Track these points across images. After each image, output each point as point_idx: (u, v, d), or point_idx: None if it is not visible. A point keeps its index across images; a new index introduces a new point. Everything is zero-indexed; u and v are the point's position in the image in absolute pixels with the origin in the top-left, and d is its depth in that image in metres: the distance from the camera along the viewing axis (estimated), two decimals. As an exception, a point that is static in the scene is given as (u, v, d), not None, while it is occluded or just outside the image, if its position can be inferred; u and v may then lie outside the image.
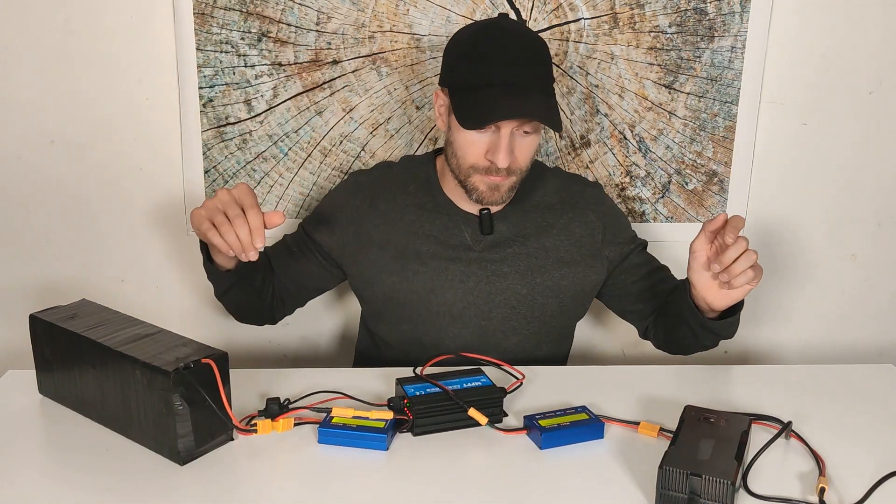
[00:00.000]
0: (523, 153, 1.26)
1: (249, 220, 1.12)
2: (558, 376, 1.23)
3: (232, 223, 1.12)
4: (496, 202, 1.30)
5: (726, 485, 0.87)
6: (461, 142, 1.26)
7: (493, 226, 1.34)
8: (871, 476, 0.97)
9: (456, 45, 1.28)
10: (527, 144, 1.26)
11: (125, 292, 1.70)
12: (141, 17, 1.55)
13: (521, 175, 1.29)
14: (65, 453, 1.02)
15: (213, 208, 1.14)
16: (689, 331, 1.28)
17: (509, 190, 1.29)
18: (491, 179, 1.27)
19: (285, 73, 1.58)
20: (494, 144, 1.23)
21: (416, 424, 1.04)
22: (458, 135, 1.26)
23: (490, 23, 1.27)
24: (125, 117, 1.60)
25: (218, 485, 0.95)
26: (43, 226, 1.67)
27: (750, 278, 1.12)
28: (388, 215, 1.37)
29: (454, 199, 1.36)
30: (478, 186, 1.28)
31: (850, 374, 1.26)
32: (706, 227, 1.16)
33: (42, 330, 1.10)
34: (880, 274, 1.77)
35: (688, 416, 1.02)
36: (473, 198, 1.30)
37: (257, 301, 1.39)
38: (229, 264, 1.26)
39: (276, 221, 1.14)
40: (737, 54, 1.59)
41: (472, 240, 1.35)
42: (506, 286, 1.34)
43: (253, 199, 1.14)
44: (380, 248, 1.36)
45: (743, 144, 1.65)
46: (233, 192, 1.14)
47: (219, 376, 0.98)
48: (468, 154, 1.26)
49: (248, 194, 1.14)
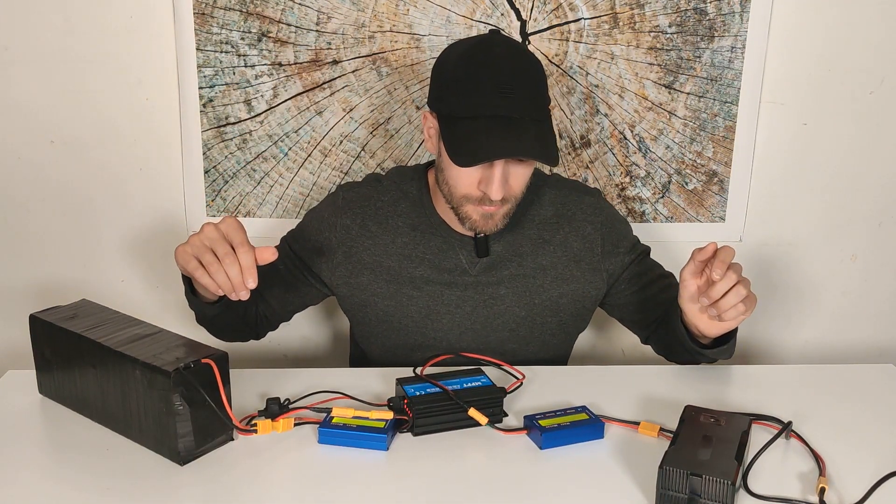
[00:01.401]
0: (517, 182, 1.21)
1: (240, 258, 1.05)
2: (558, 376, 1.23)
3: (221, 262, 1.05)
4: (490, 230, 1.25)
5: (726, 485, 0.87)
6: (452, 173, 1.20)
7: (488, 248, 1.30)
8: (871, 476, 0.97)
9: (444, 69, 1.20)
10: (521, 173, 1.21)
11: (125, 292, 1.70)
12: (141, 17, 1.55)
13: (515, 202, 1.24)
14: (65, 453, 1.02)
15: (200, 245, 1.07)
16: (685, 352, 1.25)
17: (504, 217, 1.24)
18: (485, 209, 1.21)
19: (285, 73, 1.58)
20: (487, 177, 1.18)
21: (416, 424, 1.04)
22: (449, 165, 1.19)
23: (479, 42, 1.19)
24: (125, 117, 1.60)
25: (218, 485, 0.95)
26: (43, 226, 1.67)
27: (740, 312, 1.09)
28: (379, 238, 1.32)
29: (448, 220, 1.31)
30: (471, 216, 1.23)
31: (850, 374, 1.26)
32: (695, 256, 1.12)
33: (42, 330, 1.10)
34: (880, 274, 1.77)
35: (688, 416, 1.02)
36: (467, 226, 1.25)
37: (241, 324, 1.35)
38: (214, 296, 1.19)
39: (268, 257, 1.09)
40: (737, 54, 1.59)
41: (468, 262, 1.30)
42: (503, 309, 1.31)
43: (242, 235, 1.08)
44: (372, 271, 1.32)
45: (743, 144, 1.65)
46: (220, 228, 1.08)
47: (219, 376, 0.98)
48: (459, 185, 1.21)
49: (237, 230, 1.08)
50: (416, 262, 1.31)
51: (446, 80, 1.19)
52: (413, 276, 1.31)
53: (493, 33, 1.22)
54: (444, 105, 1.19)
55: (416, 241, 1.31)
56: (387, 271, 1.31)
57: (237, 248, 1.06)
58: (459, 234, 1.31)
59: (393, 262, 1.31)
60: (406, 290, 1.31)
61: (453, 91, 1.17)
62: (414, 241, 1.32)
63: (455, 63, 1.18)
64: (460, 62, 1.18)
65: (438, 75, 1.22)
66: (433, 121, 1.23)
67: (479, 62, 1.16)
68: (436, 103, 1.22)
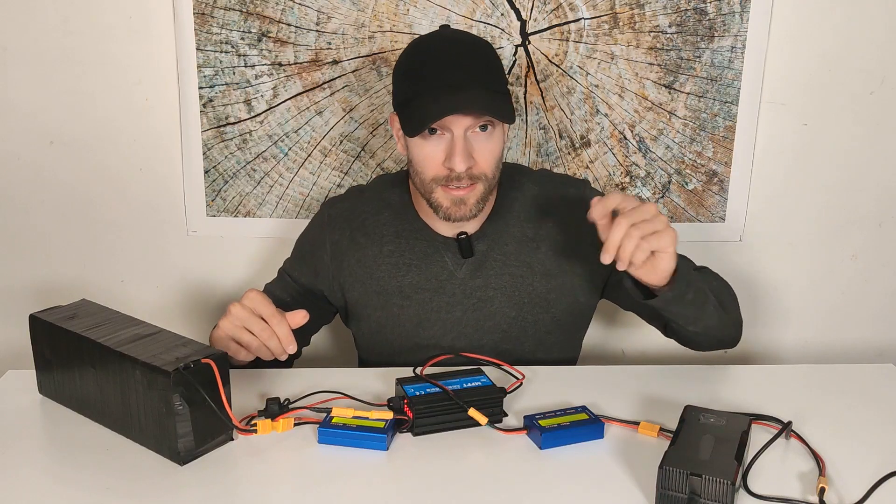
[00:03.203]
0: (484, 156, 1.20)
1: (276, 330, 1.10)
2: (558, 376, 1.23)
3: (259, 338, 1.10)
4: (464, 217, 1.23)
5: (726, 485, 0.87)
6: (418, 157, 1.21)
7: (472, 248, 1.29)
8: (871, 476, 0.97)
9: (398, 65, 1.24)
10: (487, 147, 1.19)
11: (125, 292, 1.70)
12: (141, 17, 1.55)
13: (487, 182, 1.22)
14: (65, 453, 1.02)
15: (234, 328, 1.10)
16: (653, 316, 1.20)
17: (477, 202, 1.22)
18: (454, 193, 1.20)
19: (285, 73, 1.58)
20: (449, 150, 1.18)
21: (416, 424, 1.04)
22: (414, 150, 1.21)
23: (430, 34, 1.24)
24: (125, 117, 1.60)
25: (218, 485, 0.95)
26: (43, 226, 1.67)
27: (647, 251, 1.02)
28: (367, 249, 1.33)
29: (430, 224, 1.31)
30: (441, 202, 1.22)
31: (850, 374, 1.26)
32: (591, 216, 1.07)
33: (42, 330, 1.10)
34: (880, 274, 1.77)
35: (688, 416, 1.02)
36: (440, 215, 1.23)
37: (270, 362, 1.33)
38: None
39: (300, 321, 1.12)
40: (737, 54, 1.59)
41: (454, 264, 1.30)
42: (493, 311, 1.30)
43: (270, 307, 1.11)
44: (363, 283, 1.33)
45: (743, 144, 1.65)
46: (247, 305, 1.11)
47: (219, 376, 0.98)
48: (426, 167, 1.20)
49: (264, 303, 1.11)
50: (403, 269, 1.31)
51: (398, 74, 1.24)
52: (402, 285, 1.31)
53: (444, 27, 1.27)
54: (398, 94, 1.23)
55: (402, 249, 1.32)
56: (377, 282, 1.32)
57: (269, 320, 1.10)
58: (443, 237, 1.31)
59: (382, 272, 1.32)
60: (396, 300, 1.31)
61: (403, 79, 1.21)
62: (399, 248, 1.32)
63: (405, 55, 1.23)
64: (408, 51, 1.23)
65: (395, 71, 1.25)
66: (396, 120, 1.25)
67: (426, 48, 1.21)
68: (393, 98, 1.25)
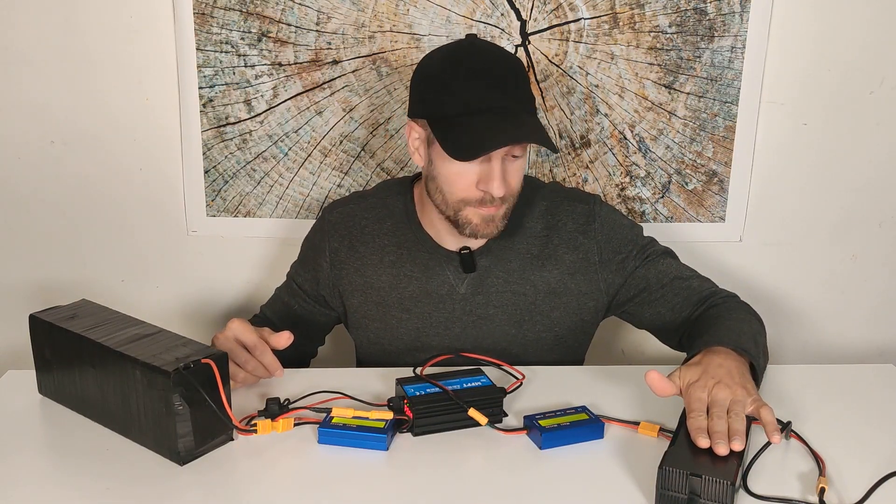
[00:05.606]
0: (515, 178, 1.19)
1: (260, 359, 1.13)
2: (558, 376, 1.23)
3: (244, 368, 1.13)
4: (492, 234, 1.22)
5: (726, 485, 0.87)
6: (447, 175, 1.17)
7: (474, 263, 1.28)
8: (871, 476, 0.97)
9: (428, 74, 1.19)
10: (517, 168, 1.19)
11: (125, 292, 1.70)
12: (141, 17, 1.55)
13: (513, 201, 1.22)
14: (65, 453, 1.02)
15: None
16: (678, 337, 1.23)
17: (503, 218, 1.22)
18: (486, 211, 1.18)
19: (285, 73, 1.58)
20: (487, 174, 1.15)
21: (416, 424, 1.04)
22: (444, 168, 1.17)
23: (460, 44, 1.19)
24: (125, 117, 1.60)
25: (218, 485, 0.95)
26: (43, 226, 1.66)
27: (737, 428, 0.96)
28: (367, 258, 1.31)
29: (433, 236, 1.29)
30: (471, 220, 1.19)
31: (850, 374, 1.26)
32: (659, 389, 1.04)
33: (42, 330, 1.10)
34: (880, 274, 1.77)
35: (688, 416, 1.02)
36: (467, 232, 1.21)
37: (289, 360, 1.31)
38: None
39: (284, 343, 1.14)
40: (737, 54, 1.59)
41: (455, 279, 1.28)
42: (493, 328, 1.29)
43: (253, 336, 1.13)
44: (363, 293, 1.32)
45: (743, 144, 1.65)
46: (229, 336, 1.13)
47: (219, 376, 0.98)
48: (457, 187, 1.17)
49: (246, 331, 1.13)
50: (404, 281, 1.30)
51: (433, 84, 1.17)
52: (402, 297, 1.30)
53: (471, 36, 1.22)
54: (434, 107, 1.17)
55: (403, 260, 1.30)
56: (376, 292, 1.31)
57: (253, 350, 1.13)
58: (446, 251, 1.29)
59: (382, 283, 1.31)
60: (395, 312, 1.31)
61: (443, 91, 1.15)
62: (401, 259, 1.30)
63: (440, 65, 1.18)
64: (446, 63, 1.17)
65: (422, 81, 1.20)
66: (420, 130, 1.21)
67: (466, 60, 1.16)
68: (422, 107, 1.19)
